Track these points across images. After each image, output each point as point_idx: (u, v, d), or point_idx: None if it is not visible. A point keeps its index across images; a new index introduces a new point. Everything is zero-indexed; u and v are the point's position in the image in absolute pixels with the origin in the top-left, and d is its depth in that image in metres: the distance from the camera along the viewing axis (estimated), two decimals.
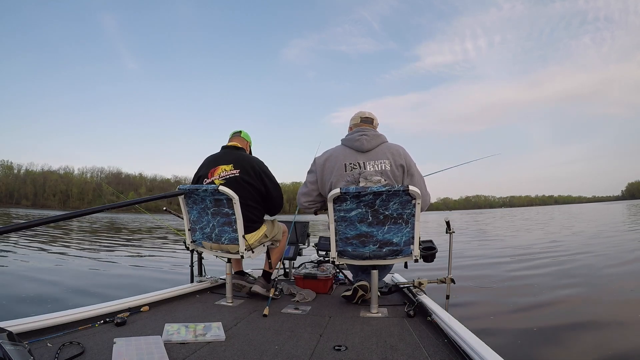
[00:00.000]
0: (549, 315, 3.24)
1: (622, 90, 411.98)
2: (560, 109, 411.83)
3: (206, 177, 2.43)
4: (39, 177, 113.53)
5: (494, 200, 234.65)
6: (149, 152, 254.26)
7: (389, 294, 2.55)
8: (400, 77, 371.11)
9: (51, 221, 1.83)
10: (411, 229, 2.06)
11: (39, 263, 6.52)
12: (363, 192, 1.97)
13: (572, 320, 3.08)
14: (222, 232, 2.32)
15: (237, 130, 2.72)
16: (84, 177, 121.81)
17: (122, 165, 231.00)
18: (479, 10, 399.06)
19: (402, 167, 2.22)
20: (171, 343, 1.60)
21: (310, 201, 2.42)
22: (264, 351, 1.53)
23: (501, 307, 3.58)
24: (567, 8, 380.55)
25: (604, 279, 4.77)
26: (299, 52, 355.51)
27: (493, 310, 3.47)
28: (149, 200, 2.30)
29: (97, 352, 1.46)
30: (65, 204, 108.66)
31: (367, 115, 2.44)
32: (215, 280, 2.87)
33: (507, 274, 5.28)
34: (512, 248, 8.62)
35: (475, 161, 3.72)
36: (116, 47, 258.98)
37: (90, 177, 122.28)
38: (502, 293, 4.20)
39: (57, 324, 1.69)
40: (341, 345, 1.59)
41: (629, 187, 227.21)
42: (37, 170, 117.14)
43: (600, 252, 7.04)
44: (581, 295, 3.93)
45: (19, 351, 1.10)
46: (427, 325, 1.86)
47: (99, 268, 6.19)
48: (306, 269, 2.89)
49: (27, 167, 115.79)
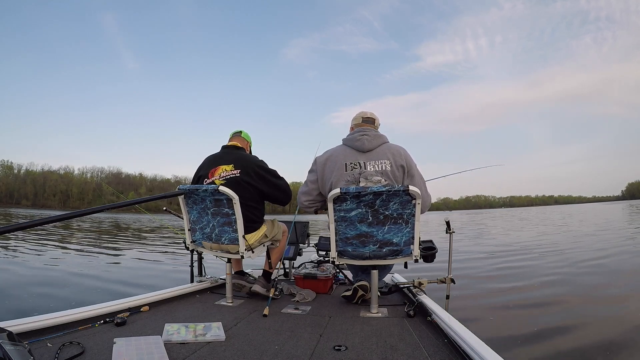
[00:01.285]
0: (548, 315, 3.24)
1: (623, 90, 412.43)
2: (561, 108, 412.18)
3: (206, 177, 2.43)
4: (39, 177, 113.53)
5: (494, 201, 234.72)
6: (149, 152, 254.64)
7: (389, 294, 2.55)
8: (401, 76, 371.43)
9: (51, 221, 1.83)
10: (411, 229, 2.05)
11: (39, 263, 6.52)
12: (363, 192, 1.97)
13: (572, 320, 3.08)
14: (222, 232, 2.32)
15: (238, 130, 2.72)
16: (84, 177, 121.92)
17: (122, 165, 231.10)
18: (480, 10, 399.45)
19: (402, 168, 2.22)
20: (171, 343, 1.60)
21: (311, 200, 2.42)
22: (264, 351, 1.53)
23: (501, 307, 3.58)
24: (568, 8, 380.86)
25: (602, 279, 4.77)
26: (300, 51, 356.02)
27: (493, 310, 3.47)
28: (149, 200, 2.30)
29: (97, 352, 1.46)
30: (65, 204, 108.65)
31: (368, 115, 2.44)
32: (215, 280, 2.87)
33: (508, 275, 5.28)
34: (501, 245, 8.62)
35: (478, 169, 3.84)
36: (116, 46, 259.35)
37: (90, 177, 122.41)
38: (502, 293, 4.20)
39: (57, 324, 1.69)
40: (341, 345, 1.59)
41: (629, 187, 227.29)
42: (37, 170, 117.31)
43: (601, 250, 7.05)
44: (579, 294, 3.93)
45: (19, 351, 1.10)
46: (427, 325, 1.86)
47: (99, 268, 6.19)
48: (306, 269, 2.89)
49: (27, 167, 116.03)
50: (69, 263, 6.62)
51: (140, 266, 6.75)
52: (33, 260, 6.77)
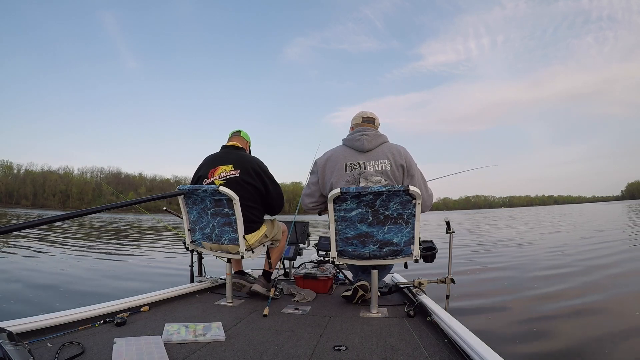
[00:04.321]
0: (548, 315, 3.24)
1: (624, 90, 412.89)
2: (561, 108, 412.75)
3: (206, 177, 2.42)
4: (38, 177, 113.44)
5: (493, 201, 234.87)
6: (148, 152, 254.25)
7: (389, 294, 2.55)
8: (402, 76, 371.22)
9: (51, 221, 1.82)
10: (411, 229, 2.05)
11: (39, 263, 6.52)
12: (363, 192, 1.97)
13: (572, 320, 3.08)
14: (222, 232, 2.32)
15: (237, 130, 2.72)
16: (84, 177, 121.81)
17: (122, 165, 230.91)
18: (482, 9, 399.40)
19: (402, 168, 2.22)
20: (171, 343, 1.60)
21: (314, 202, 2.42)
22: (264, 351, 1.53)
23: (501, 307, 3.58)
24: (570, 7, 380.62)
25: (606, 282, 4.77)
26: (301, 50, 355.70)
27: (493, 310, 3.47)
28: (148, 200, 2.30)
29: (97, 352, 1.46)
30: (65, 204, 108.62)
31: (368, 115, 2.45)
32: (215, 280, 2.87)
33: (508, 275, 5.28)
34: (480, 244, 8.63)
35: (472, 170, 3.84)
36: (116, 45, 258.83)
37: (90, 177, 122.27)
38: (502, 293, 4.20)
39: (57, 324, 1.69)
40: (341, 345, 1.59)
41: (628, 187, 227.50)
42: (37, 170, 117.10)
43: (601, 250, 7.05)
44: (579, 294, 3.94)
45: (19, 351, 1.09)
46: (427, 325, 1.86)
47: (99, 268, 6.18)
48: (306, 269, 2.89)
49: (26, 167, 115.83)
50: (68, 263, 6.61)
51: (140, 266, 6.74)
52: (33, 261, 6.77)
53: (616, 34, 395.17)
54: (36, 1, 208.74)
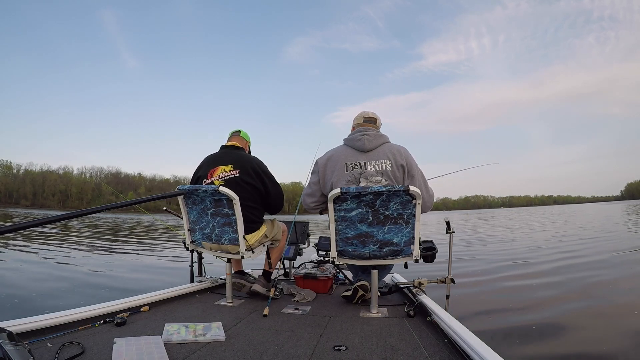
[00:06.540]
0: (549, 315, 3.24)
1: (624, 90, 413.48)
2: (562, 108, 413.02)
3: (205, 178, 2.42)
4: (38, 177, 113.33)
5: (493, 201, 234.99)
6: (148, 152, 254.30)
7: (389, 294, 2.55)
8: (403, 75, 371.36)
9: (51, 221, 1.82)
10: (411, 229, 2.05)
11: (39, 263, 6.51)
12: (363, 192, 1.97)
13: (572, 320, 3.08)
14: (222, 232, 2.32)
15: (236, 130, 2.71)
16: (83, 177, 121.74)
17: (122, 165, 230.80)
18: (484, 9, 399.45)
19: (402, 168, 2.22)
20: (171, 343, 1.60)
21: (315, 201, 2.42)
22: (264, 351, 1.53)
23: (501, 307, 3.58)
24: (572, 7, 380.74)
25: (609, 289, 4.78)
26: (302, 50, 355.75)
27: (493, 310, 3.47)
28: (148, 200, 2.30)
29: (97, 352, 1.46)
30: (64, 204, 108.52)
31: (370, 115, 2.45)
32: (215, 280, 2.87)
33: (508, 275, 5.28)
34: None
35: (474, 168, 3.85)
36: (116, 45, 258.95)
37: (89, 177, 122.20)
38: (502, 293, 4.20)
39: (57, 324, 1.69)
40: (341, 345, 1.59)
41: (628, 187, 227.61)
42: (36, 170, 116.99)
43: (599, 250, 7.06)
44: (579, 293, 3.94)
45: (19, 351, 1.09)
46: (427, 325, 1.86)
47: (99, 268, 6.18)
48: (306, 269, 2.89)
49: (26, 167, 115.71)
50: (68, 263, 6.61)
51: (140, 266, 6.74)
52: (32, 261, 6.76)
53: (617, 33, 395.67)
54: (36, 1, 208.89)
